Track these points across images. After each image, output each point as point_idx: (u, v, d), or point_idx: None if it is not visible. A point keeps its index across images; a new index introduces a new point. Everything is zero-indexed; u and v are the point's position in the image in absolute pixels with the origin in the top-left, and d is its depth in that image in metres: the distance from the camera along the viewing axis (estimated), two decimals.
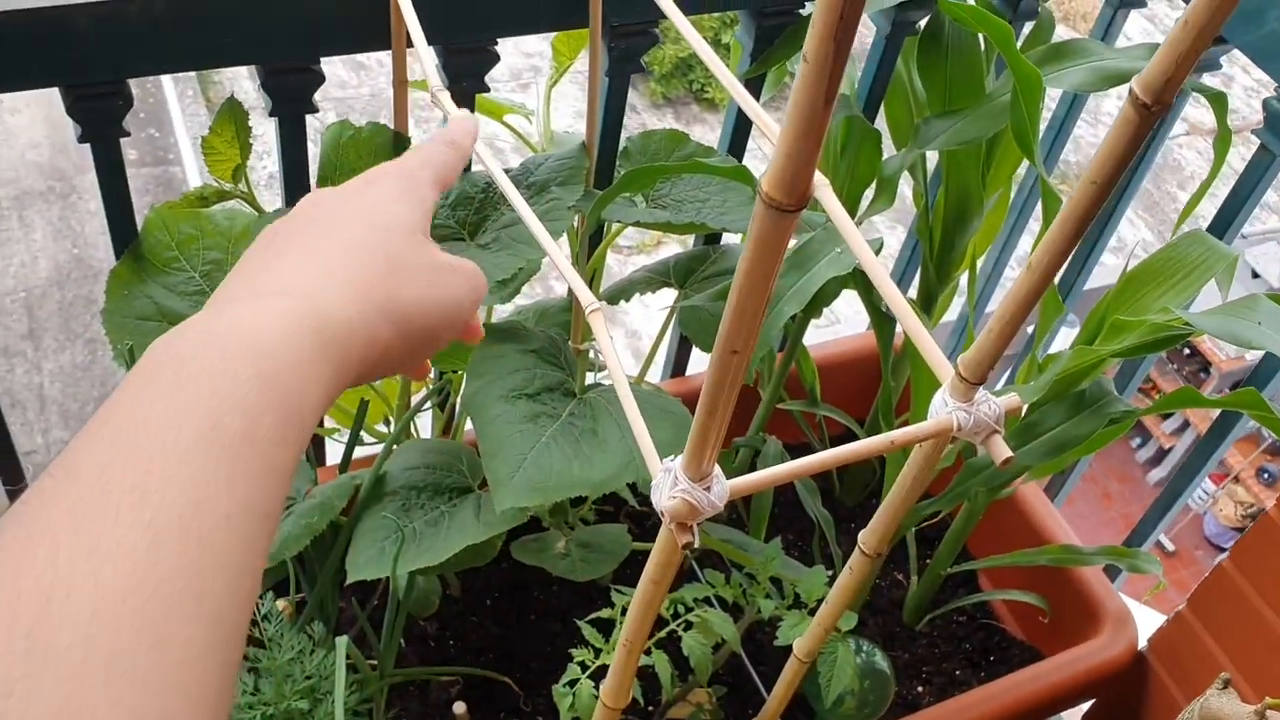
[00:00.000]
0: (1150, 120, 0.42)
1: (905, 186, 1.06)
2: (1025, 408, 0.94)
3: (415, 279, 0.45)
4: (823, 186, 0.64)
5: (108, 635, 0.27)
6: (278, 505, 0.36)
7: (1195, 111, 6.67)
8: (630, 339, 5.07)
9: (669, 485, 0.48)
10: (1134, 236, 6.07)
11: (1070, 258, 1.28)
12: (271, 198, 0.92)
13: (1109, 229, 1.20)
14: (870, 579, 1.15)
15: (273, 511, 0.35)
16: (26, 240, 5.36)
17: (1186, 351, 5.35)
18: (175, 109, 5.79)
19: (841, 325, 4.60)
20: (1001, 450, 0.54)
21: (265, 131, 0.91)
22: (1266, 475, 5.05)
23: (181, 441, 0.33)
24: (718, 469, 0.49)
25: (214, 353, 0.36)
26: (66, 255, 5.29)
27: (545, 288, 4.72)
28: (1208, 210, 1.13)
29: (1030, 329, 1.04)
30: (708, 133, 5.94)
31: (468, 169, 0.91)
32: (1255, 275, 4.75)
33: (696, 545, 0.49)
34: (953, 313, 1.45)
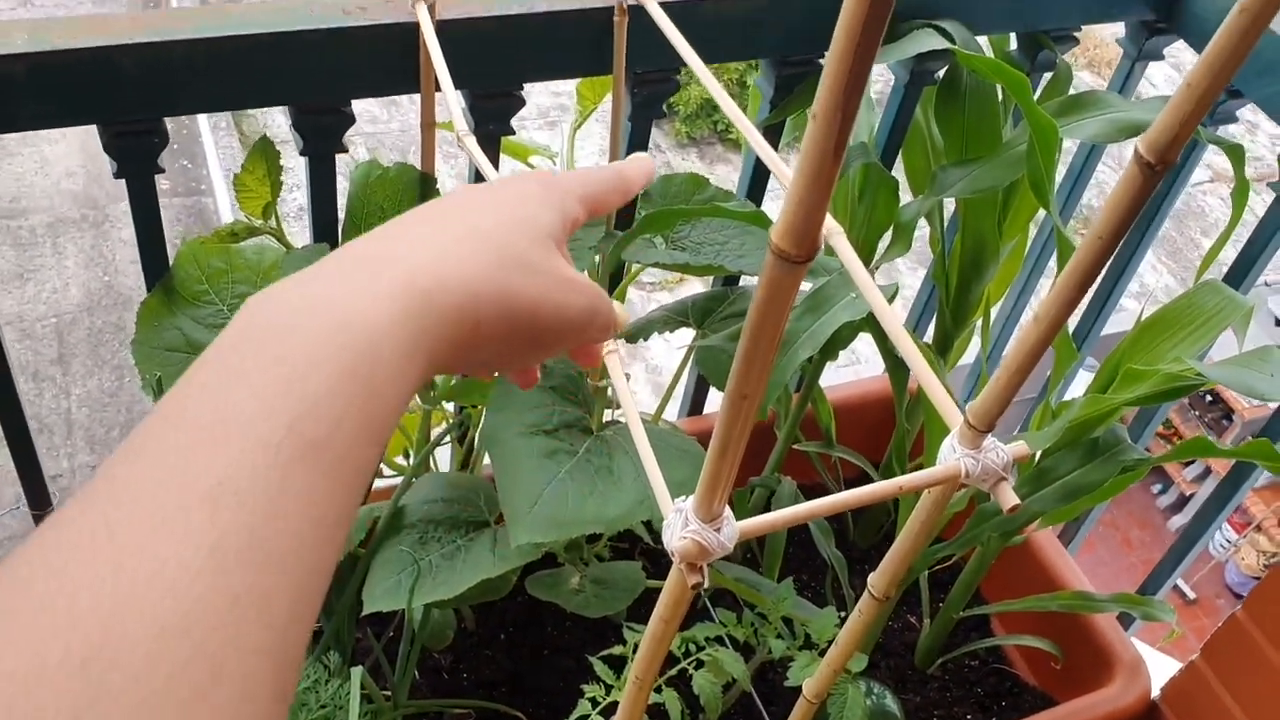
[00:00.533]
0: (1155, 179, 0.43)
1: (923, 229, 1.07)
2: (1038, 454, 0.94)
3: (532, 279, 0.43)
4: (837, 234, 0.66)
5: (162, 677, 0.26)
6: (352, 508, 0.34)
7: (1219, 159, 6.67)
8: (651, 374, 5.08)
9: (680, 526, 0.50)
10: (1156, 282, 6.06)
11: (1087, 303, 1.28)
12: (300, 228, 0.94)
13: (1127, 274, 1.21)
14: (880, 621, 1.15)
15: (344, 518, 0.33)
16: (59, 267, 5.45)
17: (1209, 399, 5.31)
18: (208, 141, 5.88)
19: (862, 365, 4.60)
20: (1009, 498, 0.55)
21: (296, 165, 0.94)
22: None
23: (261, 446, 0.31)
24: (728, 510, 0.50)
25: (302, 335, 0.34)
26: (98, 282, 5.38)
27: None
28: (1230, 256, 1.14)
29: (1045, 374, 1.04)
30: (731, 172, 5.98)
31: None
32: (1278, 323, 4.72)
33: (706, 585, 0.50)
34: (970, 354, 1.46)
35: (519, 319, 0.43)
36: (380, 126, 6.06)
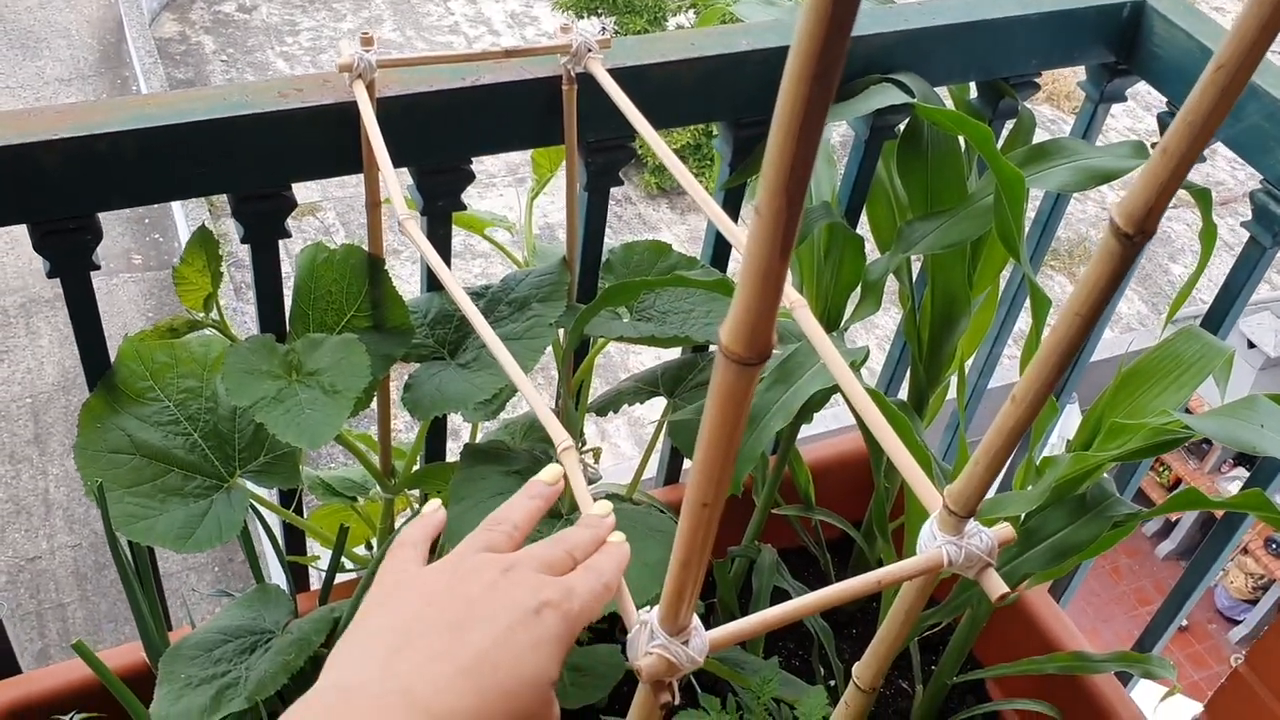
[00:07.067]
0: (1134, 250, 0.40)
1: (893, 283, 1.04)
2: (1023, 515, 0.91)
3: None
4: (800, 307, 0.63)
5: None
6: None
7: None
8: (633, 427, 5.03)
9: (645, 640, 0.46)
10: (1129, 309, 6.08)
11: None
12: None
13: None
14: (868, 708, 1.11)
15: None
16: (33, 347, 5.39)
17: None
18: (179, 213, 5.85)
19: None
20: (997, 585, 0.51)
21: None
22: (1275, 546, 4.97)
23: None
24: (696, 620, 0.47)
25: None
26: (73, 360, 5.30)
27: (547, 376, 4.69)
28: (1204, 285, 1.11)
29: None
30: (701, 221, 5.97)
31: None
32: (1251, 345, 4.72)
33: (676, 702, 0.47)
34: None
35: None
36: (350, 190, 6.04)
